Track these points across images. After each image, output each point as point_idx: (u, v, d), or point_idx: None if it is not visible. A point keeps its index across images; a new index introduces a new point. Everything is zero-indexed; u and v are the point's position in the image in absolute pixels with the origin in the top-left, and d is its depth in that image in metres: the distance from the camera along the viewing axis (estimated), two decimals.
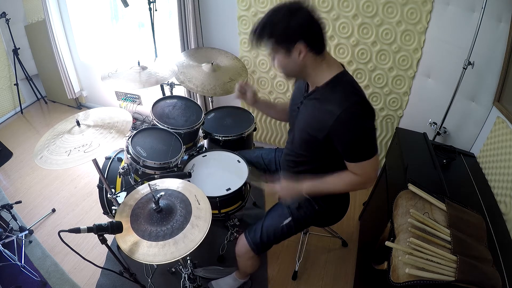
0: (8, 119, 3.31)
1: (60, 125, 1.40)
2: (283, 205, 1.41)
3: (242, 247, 1.43)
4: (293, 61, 1.06)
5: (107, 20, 2.98)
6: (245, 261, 1.49)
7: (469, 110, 1.88)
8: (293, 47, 1.03)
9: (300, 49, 1.03)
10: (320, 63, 1.09)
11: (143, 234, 1.10)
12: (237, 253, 1.48)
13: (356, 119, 1.05)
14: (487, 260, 1.04)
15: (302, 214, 1.37)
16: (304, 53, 1.03)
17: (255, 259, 1.46)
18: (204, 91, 1.99)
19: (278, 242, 1.42)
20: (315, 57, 1.07)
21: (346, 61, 2.11)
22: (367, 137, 1.09)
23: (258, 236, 1.38)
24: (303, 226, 1.43)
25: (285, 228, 1.37)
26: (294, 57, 1.05)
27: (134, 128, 2.79)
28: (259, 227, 1.40)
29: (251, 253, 1.41)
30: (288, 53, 1.05)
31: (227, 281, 1.72)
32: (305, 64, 1.08)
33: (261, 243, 1.39)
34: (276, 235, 1.38)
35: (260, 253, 1.42)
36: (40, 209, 2.27)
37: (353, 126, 1.06)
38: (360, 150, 1.10)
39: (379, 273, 1.20)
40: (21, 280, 1.77)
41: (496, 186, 1.45)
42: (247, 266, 1.54)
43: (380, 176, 1.91)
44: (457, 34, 1.76)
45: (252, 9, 2.15)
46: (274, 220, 1.40)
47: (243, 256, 1.46)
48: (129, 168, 1.58)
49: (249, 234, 1.42)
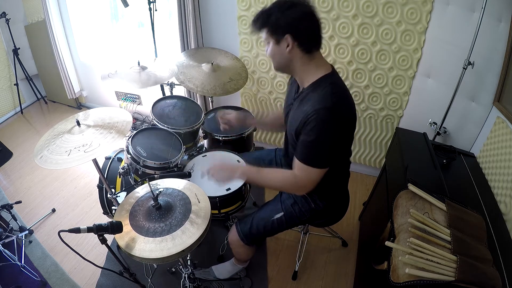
0: (8, 119, 3.31)
1: (60, 125, 1.40)
2: (277, 198, 1.44)
3: (233, 236, 1.47)
4: (280, 53, 1.10)
5: (107, 20, 2.98)
6: (237, 249, 1.54)
7: (469, 110, 1.88)
8: (282, 38, 1.06)
9: (288, 42, 1.06)
10: (309, 62, 1.11)
11: (140, 230, 1.10)
12: (229, 241, 1.53)
13: (319, 123, 1.04)
14: (487, 260, 1.03)
15: (296, 211, 1.37)
16: (291, 47, 1.06)
17: (247, 248, 1.49)
18: (204, 91, 1.99)
19: (269, 235, 1.45)
20: (303, 55, 1.09)
21: (346, 61, 2.12)
22: (322, 145, 1.07)
23: (247, 227, 1.42)
24: (296, 223, 1.43)
25: (275, 222, 1.39)
26: (282, 49, 1.08)
27: (134, 128, 2.79)
28: (250, 218, 1.44)
29: (240, 242, 1.44)
30: (277, 44, 1.08)
31: (226, 266, 1.75)
32: (291, 59, 1.10)
33: (250, 234, 1.42)
34: (266, 229, 1.40)
35: (250, 244, 1.45)
36: (40, 209, 2.27)
37: (314, 127, 1.05)
38: (310, 153, 1.09)
39: (379, 273, 1.20)
40: (21, 280, 1.77)
41: (496, 186, 1.45)
42: (240, 254, 1.59)
43: (380, 176, 1.91)
44: (457, 34, 1.76)
45: (252, 9, 2.15)
46: (266, 214, 1.42)
47: (234, 244, 1.51)
48: (129, 168, 1.58)
49: (240, 224, 1.46)
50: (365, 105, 2.26)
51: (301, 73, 1.14)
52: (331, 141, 1.08)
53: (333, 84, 1.10)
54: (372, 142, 2.42)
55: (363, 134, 2.40)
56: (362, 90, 2.20)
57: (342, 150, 1.21)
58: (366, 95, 2.21)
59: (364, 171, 2.60)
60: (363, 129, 2.38)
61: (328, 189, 1.34)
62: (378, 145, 2.42)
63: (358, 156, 2.53)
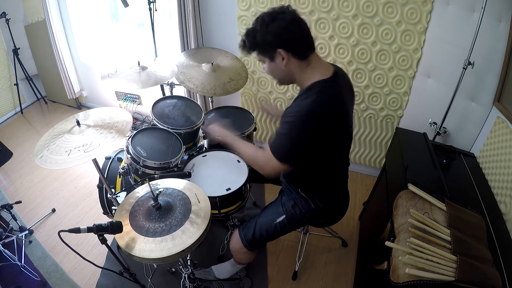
0: (8, 119, 3.31)
1: (60, 125, 1.40)
2: (278, 202, 1.44)
3: (236, 243, 1.46)
4: (278, 68, 1.10)
5: (107, 20, 2.98)
6: (239, 255, 1.54)
7: (469, 110, 1.88)
8: (275, 54, 1.05)
9: (282, 56, 1.05)
10: (305, 68, 1.10)
11: (140, 230, 1.10)
12: (231, 248, 1.52)
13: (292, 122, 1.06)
14: (487, 260, 1.03)
15: (297, 212, 1.37)
16: (287, 59, 1.06)
17: (249, 254, 1.49)
18: (204, 91, 1.99)
19: (272, 240, 1.44)
20: (300, 62, 1.08)
21: (346, 61, 2.12)
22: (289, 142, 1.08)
23: (251, 233, 1.41)
24: (298, 225, 1.43)
25: (278, 226, 1.39)
26: (279, 64, 1.08)
27: (134, 128, 2.79)
28: (252, 224, 1.43)
29: (243, 249, 1.43)
30: (272, 60, 1.08)
31: (226, 266, 1.74)
32: (290, 69, 1.09)
33: (253, 240, 1.41)
34: (269, 233, 1.40)
35: (253, 249, 1.45)
36: (40, 209, 2.27)
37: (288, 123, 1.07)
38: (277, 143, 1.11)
39: (379, 273, 1.20)
40: (21, 280, 1.77)
41: (496, 186, 1.45)
42: (242, 259, 1.58)
43: (380, 176, 1.91)
44: (457, 34, 1.76)
45: (252, 9, 2.15)
46: (268, 218, 1.41)
47: (237, 251, 1.50)
48: (129, 168, 1.58)
49: (242, 230, 1.45)
50: (365, 105, 2.26)
51: (300, 80, 1.14)
52: (298, 143, 1.08)
53: (320, 92, 1.06)
54: (372, 142, 2.42)
55: (363, 134, 2.40)
56: (362, 90, 2.20)
57: (321, 154, 1.17)
58: (366, 95, 2.21)
59: (364, 171, 2.60)
60: (363, 129, 2.38)
61: (326, 190, 1.34)
62: (378, 145, 2.42)
63: (358, 156, 2.53)
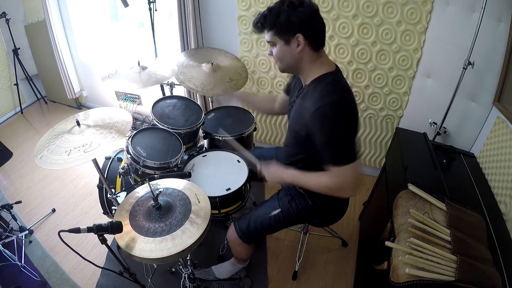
0: (8, 119, 3.31)
1: (60, 125, 1.40)
2: (275, 196, 1.45)
3: (232, 234, 1.47)
4: (290, 53, 1.08)
5: (107, 20, 2.98)
6: (235, 247, 1.55)
7: (469, 110, 1.88)
8: (292, 38, 1.04)
9: (298, 42, 1.05)
10: (316, 60, 1.11)
11: (140, 230, 1.10)
12: (228, 239, 1.54)
13: (325, 120, 1.04)
14: (487, 260, 1.04)
15: (293, 207, 1.37)
16: (302, 46, 1.05)
17: (245, 247, 1.49)
18: (204, 91, 1.99)
19: (267, 233, 1.46)
20: (312, 53, 1.08)
21: (346, 61, 2.12)
22: (339, 141, 1.05)
23: (245, 225, 1.42)
24: (294, 220, 1.41)
25: (273, 219, 1.39)
26: (292, 49, 1.07)
27: (134, 128, 2.79)
28: (248, 216, 1.45)
29: (239, 240, 1.44)
30: (287, 44, 1.07)
31: (226, 266, 1.75)
32: (301, 58, 1.09)
33: (248, 232, 1.42)
34: (264, 226, 1.40)
35: (249, 242, 1.46)
36: (40, 209, 2.27)
37: (324, 127, 1.04)
38: (332, 154, 1.07)
39: (379, 273, 1.20)
40: (21, 280, 1.77)
41: (496, 186, 1.45)
42: (239, 252, 1.60)
43: (380, 176, 1.91)
44: (457, 34, 1.76)
45: (252, 9, 2.15)
46: (263, 211, 1.43)
47: (233, 243, 1.51)
48: (129, 168, 1.58)
49: (238, 222, 1.46)
50: (365, 105, 2.26)
51: (307, 71, 1.14)
52: (344, 134, 1.05)
53: (334, 81, 1.09)
54: (372, 142, 2.42)
55: (363, 134, 2.40)
56: (362, 90, 2.20)
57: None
58: (366, 95, 2.21)
59: (364, 171, 2.60)
60: (363, 129, 2.38)
61: None
62: (378, 145, 2.42)
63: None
